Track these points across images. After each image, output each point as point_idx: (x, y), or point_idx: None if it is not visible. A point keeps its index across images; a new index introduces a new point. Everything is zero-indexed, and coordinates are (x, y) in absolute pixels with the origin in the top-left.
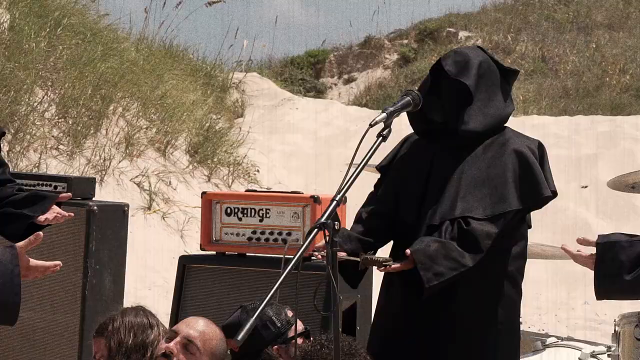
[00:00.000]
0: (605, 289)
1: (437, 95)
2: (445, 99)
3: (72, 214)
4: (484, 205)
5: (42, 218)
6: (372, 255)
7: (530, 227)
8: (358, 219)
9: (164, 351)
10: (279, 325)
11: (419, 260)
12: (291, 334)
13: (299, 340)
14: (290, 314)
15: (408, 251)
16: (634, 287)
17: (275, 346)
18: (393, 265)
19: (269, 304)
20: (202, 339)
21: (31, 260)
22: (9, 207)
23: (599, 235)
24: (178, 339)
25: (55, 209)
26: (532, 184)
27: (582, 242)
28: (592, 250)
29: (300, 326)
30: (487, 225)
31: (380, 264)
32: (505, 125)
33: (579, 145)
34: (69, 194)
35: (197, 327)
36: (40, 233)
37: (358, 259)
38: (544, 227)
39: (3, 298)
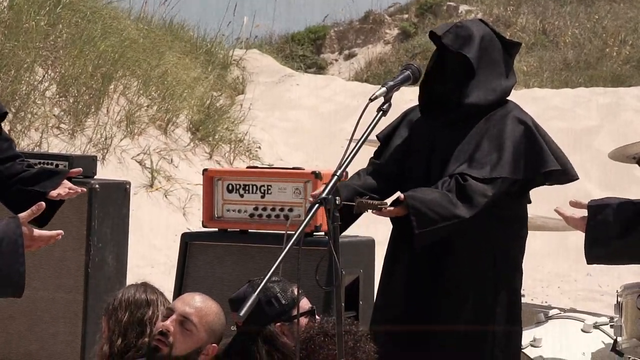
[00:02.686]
0: (595, 252)
1: (442, 68)
2: (449, 72)
3: (84, 189)
4: (483, 167)
5: (54, 193)
6: (366, 199)
7: (529, 202)
8: (356, 175)
9: (160, 330)
10: (283, 302)
11: (411, 205)
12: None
13: (304, 320)
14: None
15: (402, 195)
16: (624, 250)
17: (278, 323)
18: (388, 208)
19: (277, 281)
20: (198, 314)
21: (35, 230)
22: (19, 184)
23: (591, 200)
24: (174, 316)
25: (67, 183)
26: (538, 155)
27: (575, 204)
28: (585, 213)
29: (306, 304)
30: (483, 185)
31: (374, 206)
32: (507, 99)
33: (581, 118)
34: (80, 169)
35: (193, 303)
36: (42, 203)
37: (353, 203)
38: (545, 199)
39: (8, 269)
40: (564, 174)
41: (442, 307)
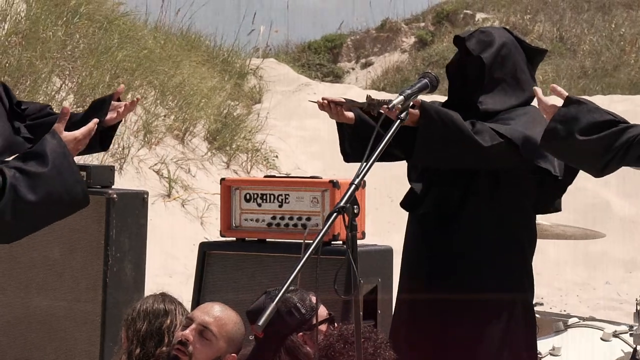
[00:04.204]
0: (553, 139)
1: (463, 72)
2: (469, 77)
3: (138, 98)
4: (496, 125)
5: (108, 117)
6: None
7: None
8: None
9: (180, 339)
10: (303, 311)
11: (426, 107)
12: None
13: (323, 327)
14: (314, 300)
15: (418, 99)
16: (577, 149)
17: (300, 333)
18: (398, 106)
19: (294, 290)
20: (218, 324)
21: (74, 132)
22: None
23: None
24: (193, 325)
25: (116, 105)
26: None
27: (555, 91)
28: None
29: (324, 312)
30: (493, 132)
31: (385, 103)
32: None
33: None
34: (122, 85)
35: (212, 312)
36: (67, 106)
37: (363, 102)
38: (564, 207)
39: (68, 184)
40: (556, 179)
41: (462, 273)
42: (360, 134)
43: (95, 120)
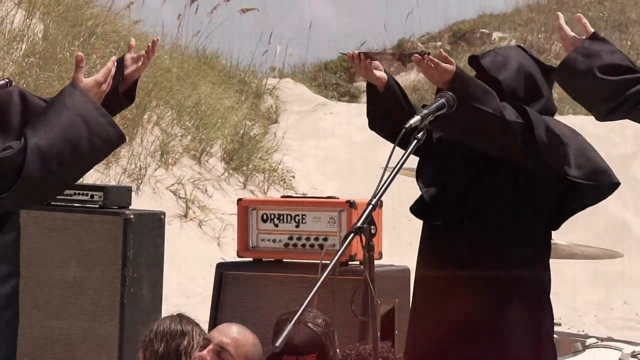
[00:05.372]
0: (570, 69)
1: None
2: None
3: (156, 39)
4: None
5: (134, 69)
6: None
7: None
8: None
9: (197, 359)
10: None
11: (459, 72)
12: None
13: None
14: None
15: (452, 63)
16: (594, 88)
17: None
18: (432, 57)
19: (309, 311)
20: (235, 345)
21: (93, 77)
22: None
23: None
24: (211, 346)
25: (135, 56)
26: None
27: (580, 22)
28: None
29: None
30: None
31: (417, 52)
32: None
33: (616, 145)
34: (133, 39)
35: (230, 333)
36: (80, 53)
37: (394, 52)
38: (581, 227)
39: (93, 127)
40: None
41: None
42: (383, 103)
43: (113, 59)
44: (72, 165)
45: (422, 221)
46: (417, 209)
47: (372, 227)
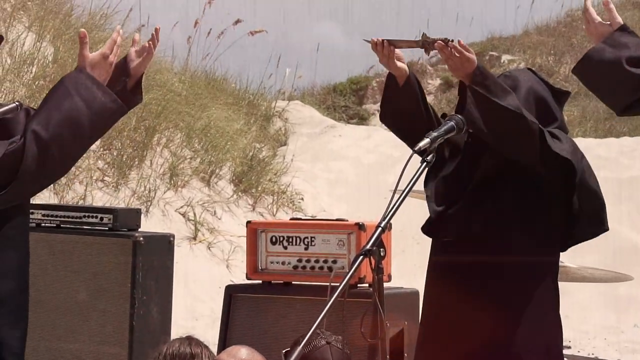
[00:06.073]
0: (597, 59)
1: None
2: None
3: (158, 27)
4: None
5: (132, 66)
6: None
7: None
8: None
9: None
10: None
11: (480, 65)
12: None
13: None
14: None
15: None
16: (618, 79)
17: None
18: (455, 44)
19: (330, 334)
20: None
21: (100, 51)
22: None
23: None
24: None
25: (139, 50)
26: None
27: (607, 6)
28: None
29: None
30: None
31: (440, 39)
32: None
33: (626, 167)
34: (131, 35)
35: (239, 355)
36: (83, 30)
37: (418, 39)
38: (591, 250)
39: (89, 99)
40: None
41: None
42: (400, 99)
43: (118, 27)
44: (74, 145)
45: (430, 242)
46: (427, 227)
47: (381, 249)
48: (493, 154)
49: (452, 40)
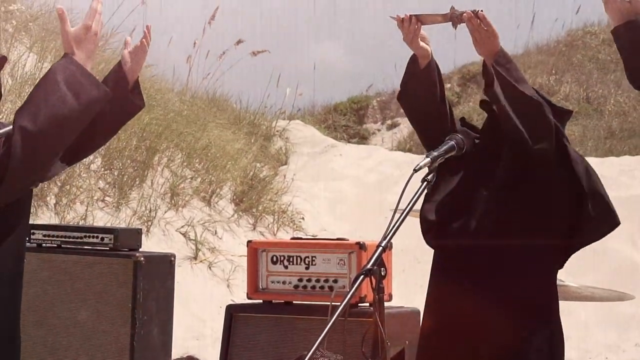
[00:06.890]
0: (633, 28)
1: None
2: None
3: (149, 25)
4: None
5: (126, 68)
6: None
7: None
8: None
9: None
10: None
11: (502, 48)
12: None
13: None
14: None
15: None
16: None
17: None
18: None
19: (320, 353)
20: None
21: (82, 23)
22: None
23: None
24: None
25: (132, 52)
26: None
27: None
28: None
29: None
30: None
31: (468, 12)
32: None
33: (627, 187)
34: (126, 37)
35: None
36: (60, 6)
37: (445, 12)
38: (592, 269)
39: (74, 86)
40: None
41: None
42: (418, 82)
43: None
44: (61, 139)
45: (432, 259)
46: (429, 235)
47: (382, 269)
48: (509, 154)
49: (482, 10)
